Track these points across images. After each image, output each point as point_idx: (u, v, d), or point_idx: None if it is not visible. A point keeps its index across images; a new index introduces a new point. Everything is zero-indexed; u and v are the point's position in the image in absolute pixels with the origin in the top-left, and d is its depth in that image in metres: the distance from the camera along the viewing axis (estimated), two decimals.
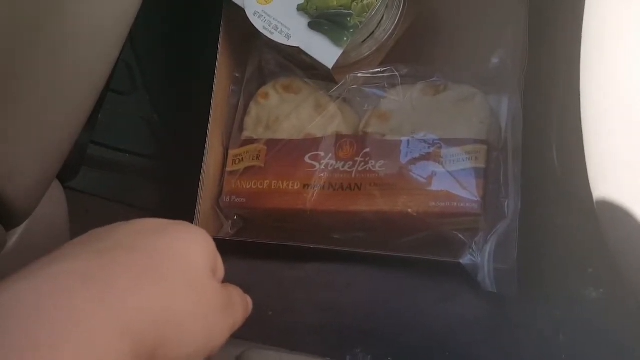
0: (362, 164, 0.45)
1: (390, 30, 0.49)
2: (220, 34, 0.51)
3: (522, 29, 0.44)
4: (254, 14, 0.47)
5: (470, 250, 0.40)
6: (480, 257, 0.40)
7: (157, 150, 0.61)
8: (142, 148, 0.61)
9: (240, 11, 0.48)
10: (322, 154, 0.46)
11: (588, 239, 0.39)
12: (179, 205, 0.54)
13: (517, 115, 0.42)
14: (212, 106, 0.50)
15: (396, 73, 0.46)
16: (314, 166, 0.46)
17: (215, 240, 0.47)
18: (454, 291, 0.40)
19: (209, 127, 0.50)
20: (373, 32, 0.48)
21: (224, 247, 0.49)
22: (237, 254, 0.49)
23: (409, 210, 0.42)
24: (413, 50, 0.50)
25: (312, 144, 0.47)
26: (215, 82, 0.50)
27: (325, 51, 0.45)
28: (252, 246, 0.46)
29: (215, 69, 0.50)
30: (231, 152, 0.50)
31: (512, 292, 0.38)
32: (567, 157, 0.40)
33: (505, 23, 0.47)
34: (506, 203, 0.40)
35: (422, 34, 0.51)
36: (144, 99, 0.62)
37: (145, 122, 0.61)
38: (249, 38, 0.51)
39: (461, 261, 0.40)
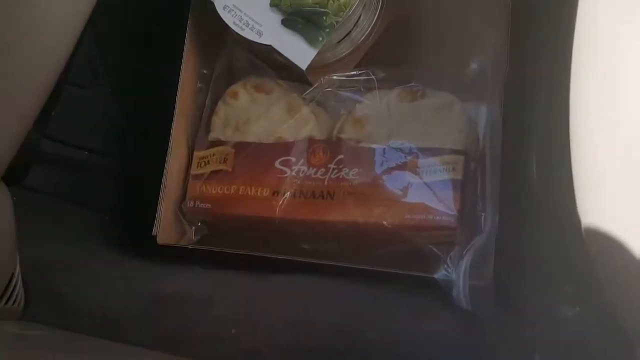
0: (335, 171, 0.43)
1: (368, 31, 0.47)
2: (188, 27, 0.48)
3: (504, 36, 0.43)
4: (224, 7, 0.44)
5: (445, 266, 0.39)
6: (455, 272, 0.38)
7: (118, 149, 0.57)
8: (101, 145, 0.57)
9: (210, 4, 0.45)
10: (293, 159, 0.44)
11: (565, 255, 0.38)
12: (139, 208, 0.51)
13: (496, 125, 0.40)
14: (177, 104, 0.47)
15: (373, 77, 0.44)
16: (285, 172, 0.44)
17: (177, 248, 0.46)
18: (427, 308, 0.38)
19: (174, 125, 0.47)
20: (349, 32, 0.46)
21: (186, 256, 0.47)
22: (200, 263, 0.46)
23: (384, 222, 0.40)
24: (390, 53, 0.48)
25: (283, 148, 0.44)
26: (180, 78, 0.47)
27: (299, 51, 0.42)
28: (216, 256, 0.44)
29: (181, 64, 0.47)
30: (197, 154, 0.47)
31: (488, 310, 0.37)
32: (548, 171, 0.38)
33: (486, 28, 0.46)
34: (483, 217, 0.39)
35: (400, 37, 0.49)
36: (105, 93, 0.58)
37: (105, 117, 0.58)
38: (218, 33, 0.48)
39: (435, 276, 0.39)
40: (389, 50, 0.48)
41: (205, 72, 0.50)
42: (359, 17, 0.46)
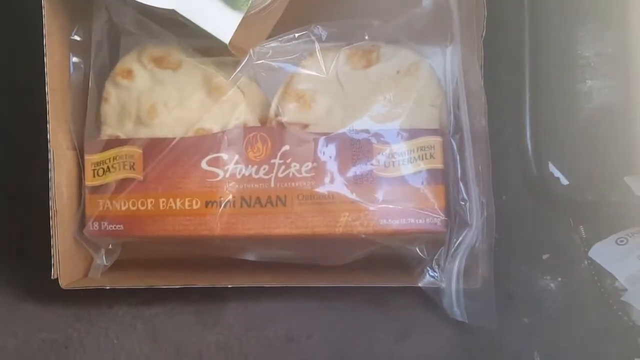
0: (283, 167, 0.34)
1: None
2: None
3: None
4: None
5: (431, 270, 0.33)
6: (444, 278, 0.33)
7: None
8: None
9: None
10: (224, 156, 0.34)
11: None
12: (28, 242, 0.39)
13: (477, 92, 0.33)
14: (48, 91, 0.34)
15: (313, 38, 0.34)
16: (217, 174, 0.34)
17: (83, 290, 0.35)
18: (413, 324, 0.33)
19: (49, 123, 0.34)
20: None
21: (100, 296, 0.36)
22: (116, 302, 0.37)
23: (355, 231, 0.32)
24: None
25: (209, 143, 0.34)
26: (46, 49, 0.34)
27: (216, 17, 0.31)
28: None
29: (43, 33, 0.33)
30: (89, 159, 0.35)
31: (491, 321, 0.32)
32: (542, 145, 0.32)
33: None
34: (467, 207, 0.33)
35: None
36: None
37: None
38: None
39: (420, 285, 0.33)
40: None
41: (77, 38, 0.36)
42: None
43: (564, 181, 0.37)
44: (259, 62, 0.33)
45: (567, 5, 0.38)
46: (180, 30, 0.33)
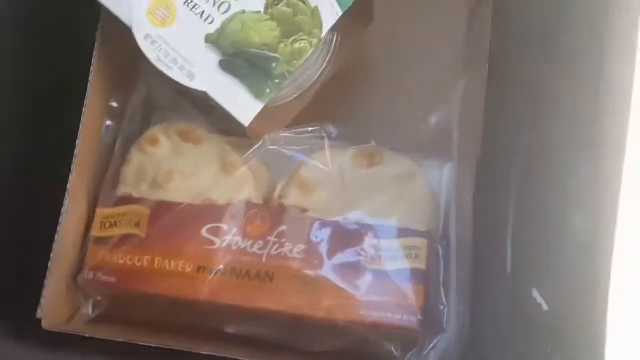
0: (276, 246, 0.36)
1: (316, 76, 0.41)
2: (95, 50, 0.38)
3: (479, 84, 0.38)
4: (145, 37, 0.35)
5: None
6: None
7: None
8: None
9: (122, 24, 0.36)
10: (224, 227, 0.36)
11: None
12: (17, 277, 0.40)
13: (466, 203, 0.36)
14: (78, 146, 0.37)
15: (324, 134, 0.38)
16: (214, 242, 0.36)
17: (64, 335, 0.35)
18: None
19: (72, 174, 0.37)
20: (295, 76, 0.39)
21: (80, 345, 0.37)
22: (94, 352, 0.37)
23: (335, 317, 0.33)
24: (340, 102, 0.42)
25: (212, 212, 0.36)
26: (84, 113, 0.38)
27: (240, 103, 0.35)
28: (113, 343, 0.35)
29: (85, 97, 0.37)
30: (100, 212, 0.38)
31: None
32: (522, 260, 0.34)
33: (458, 73, 0.41)
34: (445, 312, 0.34)
35: (350, 84, 0.43)
36: None
37: None
38: (135, 55, 0.39)
39: None
40: (338, 99, 0.42)
41: (115, 105, 0.40)
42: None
43: (545, 306, 0.38)
44: (271, 147, 0.37)
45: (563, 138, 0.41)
46: (206, 110, 0.37)
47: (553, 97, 0.36)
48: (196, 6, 0.35)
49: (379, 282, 0.34)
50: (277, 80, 0.35)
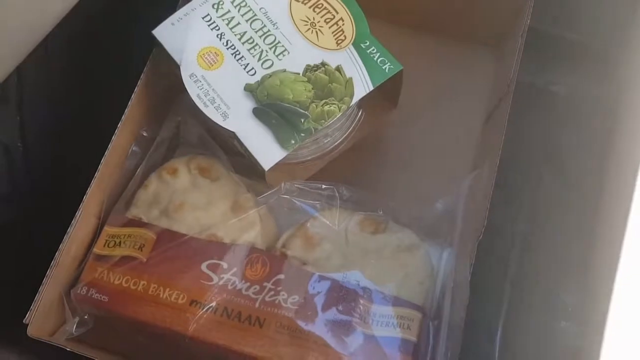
0: (272, 293, 0.36)
1: (338, 142, 0.43)
2: (139, 83, 0.41)
3: (488, 179, 0.40)
4: (191, 76, 0.38)
5: None
6: None
7: (7, 191, 0.47)
8: None
9: (173, 64, 0.39)
10: (225, 265, 0.37)
11: None
12: (13, 278, 0.40)
13: (463, 286, 0.36)
14: (101, 164, 0.39)
15: (337, 194, 0.39)
16: (212, 278, 0.36)
17: (46, 345, 0.35)
18: None
19: (90, 189, 0.38)
20: (318, 138, 0.42)
21: (58, 353, 0.36)
22: None
23: None
24: (355, 169, 0.44)
25: (215, 249, 0.37)
26: (116, 133, 0.39)
27: (265, 148, 0.37)
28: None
29: (120, 122, 0.40)
30: (107, 230, 0.39)
31: None
32: (511, 350, 0.34)
33: (469, 166, 0.43)
34: None
35: (368, 155, 0.46)
36: (11, 119, 0.48)
37: (2, 148, 0.47)
38: (172, 92, 0.41)
39: None
40: (354, 166, 0.44)
41: (144, 134, 0.42)
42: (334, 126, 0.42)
43: None
44: (284, 196, 0.38)
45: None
46: (230, 151, 0.39)
47: (553, 196, 0.38)
48: (243, 58, 0.38)
49: (367, 345, 0.34)
50: (303, 134, 0.37)
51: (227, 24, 0.39)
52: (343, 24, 0.39)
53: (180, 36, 0.39)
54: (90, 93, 0.48)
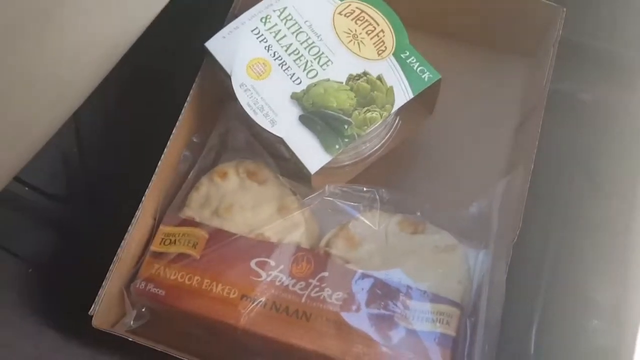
0: (317, 289, 0.38)
1: (376, 147, 0.45)
2: (191, 92, 0.43)
3: (523, 181, 0.41)
4: (241, 86, 0.41)
5: None
6: None
7: (66, 193, 0.50)
8: (46, 184, 0.50)
9: (223, 73, 0.41)
10: (272, 262, 0.39)
11: None
12: (77, 270, 0.44)
13: (499, 286, 0.38)
14: (158, 169, 0.42)
15: (377, 197, 0.41)
16: (260, 275, 0.39)
17: (108, 334, 0.38)
18: None
19: (148, 191, 0.41)
20: (357, 144, 0.44)
21: (116, 344, 0.39)
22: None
23: None
24: (393, 174, 0.46)
25: (264, 248, 0.39)
26: (170, 142, 0.42)
27: (311, 153, 0.39)
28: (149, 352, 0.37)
29: (174, 129, 0.42)
30: (162, 229, 0.41)
31: None
32: (546, 347, 0.36)
33: (504, 168, 0.45)
34: None
35: (405, 160, 0.48)
36: (67, 126, 0.52)
37: (60, 153, 0.51)
38: (222, 101, 0.44)
39: None
40: (392, 170, 0.46)
41: (195, 140, 0.45)
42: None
43: None
44: (328, 198, 0.41)
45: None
46: (276, 155, 0.42)
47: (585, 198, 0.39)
48: (289, 69, 0.41)
49: (409, 339, 0.36)
50: (346, 140, 0.39)
51: (275, 37, 0.41)
52: (384, 35, 0.41)
53: (231, 48, 0.41)
54: (142, 103, 0.51)
